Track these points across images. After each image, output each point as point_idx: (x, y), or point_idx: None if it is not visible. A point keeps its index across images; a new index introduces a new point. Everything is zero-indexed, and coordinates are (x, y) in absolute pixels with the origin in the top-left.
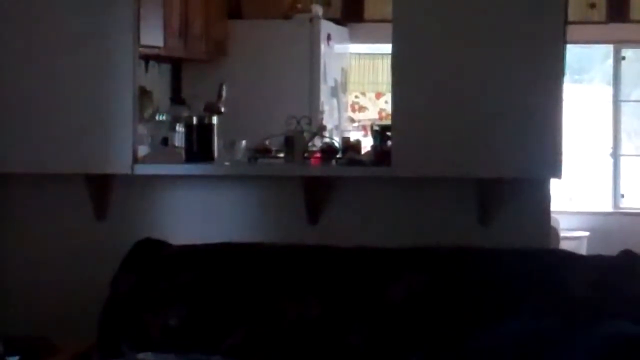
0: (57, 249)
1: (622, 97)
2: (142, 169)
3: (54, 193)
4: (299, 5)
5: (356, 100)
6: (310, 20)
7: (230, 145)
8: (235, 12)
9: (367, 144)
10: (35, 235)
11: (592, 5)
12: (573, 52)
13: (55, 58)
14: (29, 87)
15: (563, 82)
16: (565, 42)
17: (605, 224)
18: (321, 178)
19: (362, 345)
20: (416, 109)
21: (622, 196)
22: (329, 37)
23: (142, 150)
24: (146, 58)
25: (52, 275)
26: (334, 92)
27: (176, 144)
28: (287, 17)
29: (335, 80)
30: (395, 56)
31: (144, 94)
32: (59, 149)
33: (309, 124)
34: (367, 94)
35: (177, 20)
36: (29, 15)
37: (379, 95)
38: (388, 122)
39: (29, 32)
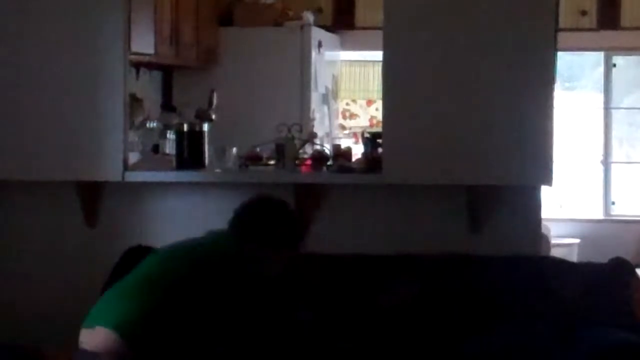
0: (48, 256)
1: (613, 104)
2: (132, 176)
3: (44, 200)
4: (290, 13)
5: (347, 107)
6: (301, 27)
7: (221, 153)
8: (226, 19)
9: (357, 151)
10: (26, 243)
11: (583, 13)
12: (564, 60)
13: (46, 65)
14: (19, 95)
15: (554, 90)
16: (556, 50)
17: (596, 231)
18: (312, 185)
19: (353, 352)
20: (407, 116)
21: (613, 203)
22: (320, 45)
23: (133, 158)
24: (137, 65)
25: (42, 281)
26: (325, 99)
27: (167, 151)
28: (278, 24)
29: (326, 88)
30: (386, 63)
31: (134, 101)
32: (50, 156)
33: (300, 131)
34: (358, 101)
35: (167, 27)
36: (18, 23)
37: (369, 103)
38: (379, 129)
39: (19, 40)
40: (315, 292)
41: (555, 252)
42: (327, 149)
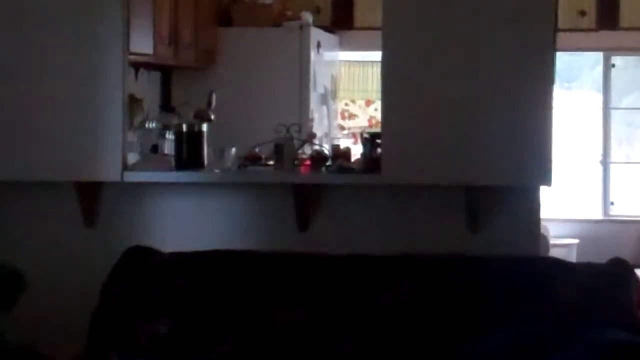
0: (47, 256)
1: (612, 104)
2: (131, 177)
3: (43, 200)
4: (289, 13)
5: (346, 107)
6: (300, 27)
7: (220, 153)
8: (225, 20)
9: (356, 151)
10: (25, 243)
11: (582, 13)
12: (563, 60)
13: (45, 66)
14: (19, 95)
15: (553, 90)
16: (555, 50)
17: (595, 231)
18: (311, 185)
19: (352, 353)
20: (406, 117)
21: (612, 204)
22: (318, 45)
23: (132, 158)
24: (136, 66)
25: (41, 283)
26: (324, 100)
27: (166, 152)
28: (276, 24)
29: (325, 88)
30: (385, 64)
31: (133, 102)
32: (49, 156)
33: (299, 131)
34: (357, 102)
35: (166, 27)
36: (18, 23)
37: (368, 103)
38: (378, 129)
39: (18, 40)
40: (313, 292)
41: (554, 253)
42: (326, 149)
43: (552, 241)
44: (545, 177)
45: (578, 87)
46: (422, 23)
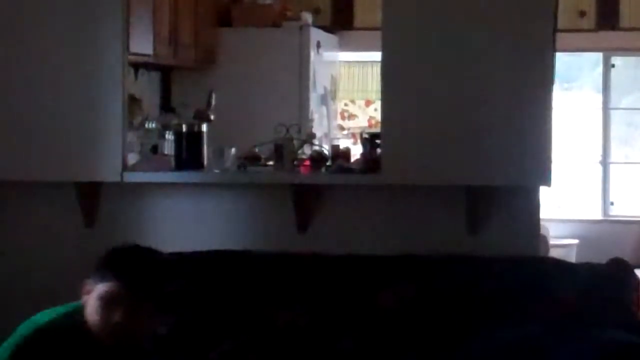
0: (46, 256)
1: (612, 104)
2: (131, 177)
3: (43, 201)
4: (289, 13)
5: (346, 107)
6: (300, 28)
7: (219, 153)
8: (224, 20)
9: (356, 151)
10: (25, 243)
11: (582, 13)
12: (563, 60)
13: (45, 66)
14: (18, 95)
15: (553, 90)
16: (555, 50)
17: (595, 231)
18: (310, 186)
19: (352, 353)
20: (405, 117)
21: (612, 204)
22: (318, 45)
23: (132, 158)
24: (136, 66)
25: (40, 282)
26: (324, 100)
27: (165, 152)
28: (276, 24)
29: (325, 88)
30: (385, 64)
31: (133, 102)
32: (49, 156)
33: (299, 131)
34: (357, 102)
35: (166, 28)
36: (17, 23)
37: (368, 103)
38: (377, 129)
39: (17, 41)
40: (313, 293)
41: (553, 253)
42: (326, 149)
43: (551, 241)
44: (545, 177)
45: (578, 88)
46: (422, 23)
